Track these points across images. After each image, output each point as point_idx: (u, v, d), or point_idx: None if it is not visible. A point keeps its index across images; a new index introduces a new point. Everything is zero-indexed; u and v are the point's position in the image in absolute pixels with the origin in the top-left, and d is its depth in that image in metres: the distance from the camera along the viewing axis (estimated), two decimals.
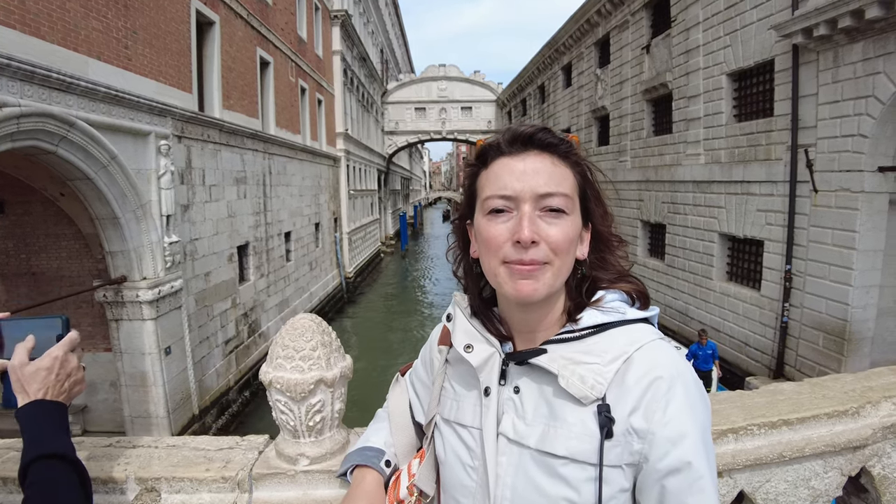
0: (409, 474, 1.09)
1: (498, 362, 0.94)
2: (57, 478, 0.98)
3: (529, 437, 0.87)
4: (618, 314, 0.92)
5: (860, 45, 8.39)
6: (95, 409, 9.52)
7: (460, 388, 1.00)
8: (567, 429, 0.85)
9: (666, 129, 14.60)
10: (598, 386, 0.84)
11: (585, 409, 0.84)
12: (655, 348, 0.87)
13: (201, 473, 1.42)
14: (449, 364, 1.05)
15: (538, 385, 0.90)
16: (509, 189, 0.87)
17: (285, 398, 1.34)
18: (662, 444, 0.80)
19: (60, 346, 1.09)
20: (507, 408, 0.92)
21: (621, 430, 0.82)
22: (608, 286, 0.96)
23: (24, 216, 8.85)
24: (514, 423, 0.90)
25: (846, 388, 1.64)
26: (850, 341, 8.98)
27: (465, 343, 0.97)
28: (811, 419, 1.47)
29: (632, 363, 0.85)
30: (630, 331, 0.90)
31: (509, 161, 0.90)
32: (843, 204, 8.93)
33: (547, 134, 0.90)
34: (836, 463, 1.52)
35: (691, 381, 0.85)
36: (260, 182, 14.30)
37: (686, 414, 0.81)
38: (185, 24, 10.37)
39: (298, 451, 1.39)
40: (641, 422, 0.81)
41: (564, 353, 0.89)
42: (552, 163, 0.89)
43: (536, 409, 0.89)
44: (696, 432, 0.81)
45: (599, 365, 0.86)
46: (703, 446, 0.81)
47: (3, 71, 5.87)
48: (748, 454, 1.42)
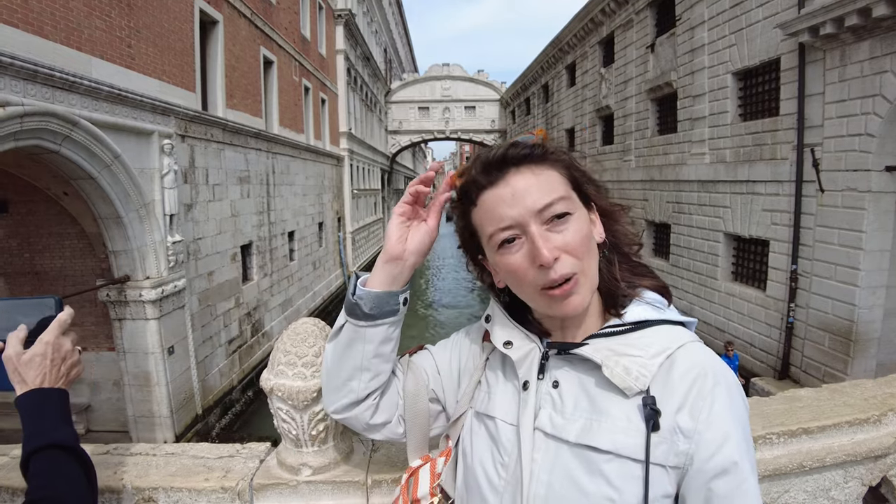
0: (434, 474, 1.05)
1: (538, 357, 0.94)
2: (59, 468, 0.96)
3: (569, 431, 0.85)
4: (659, 313, 0.92)
5: (867, 44, 8.30)
6: (99, 408, 9.51)
7: (496, 383, 0.99)
8: (611, 422, 0.83)
9: (671, 129, 14.52)
10: (643, 378, 0.83)
11: (629, 402, 0.83)
12: (697, 348, 0.86)
13: (200, 483, 1.37)
14: (488, 362, 1.04)
15: (579, 378, 0.89)
16: (507, 219, 0.86)
17: (287, 406, 1.29)
18: (709, 444, 0.78)
19: (51, 331, 1.06)
20: (544, 402, 0.90)
21: (667, 426, 0.80)
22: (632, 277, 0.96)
23: (27, 215, 8.84)
24: (551, 418, 0.88)
25: (866, 395, 1.59)
26: (857, 342, 8.90)
27: (504, 339, 0.97)
28: (831, 427, 1.42)
29: (675, 360, 0.84)
30: (672, 330, 0.89)
31: (494, 191, 0.89)
32: (849, 204, 8.84)
33: (515, 149, 0.89)
34: (856, 472, 1.47)
35: (733, 381, 0.84)
36: (263, 181, 14.28)
37: (731, 413, 0.80)
38: (188, 22, 10.35)
39: (301, 460, 1.34)
40: (688, 420, 0.79)
41: (608, 345, 0.88)
42: (533, 174, 0.88)
43: (577, 402, 0.87)
44: (740, 432, 0.80)
45: (643, 358, 0.84)
46: (746, 447, 0.80)
47: (6, 70, 5.85)
48: (767, 464, 1.37)
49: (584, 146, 21.18)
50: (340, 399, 1.07)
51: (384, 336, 1.03)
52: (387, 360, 1.06)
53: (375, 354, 1.03)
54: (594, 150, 20.26)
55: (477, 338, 1.09)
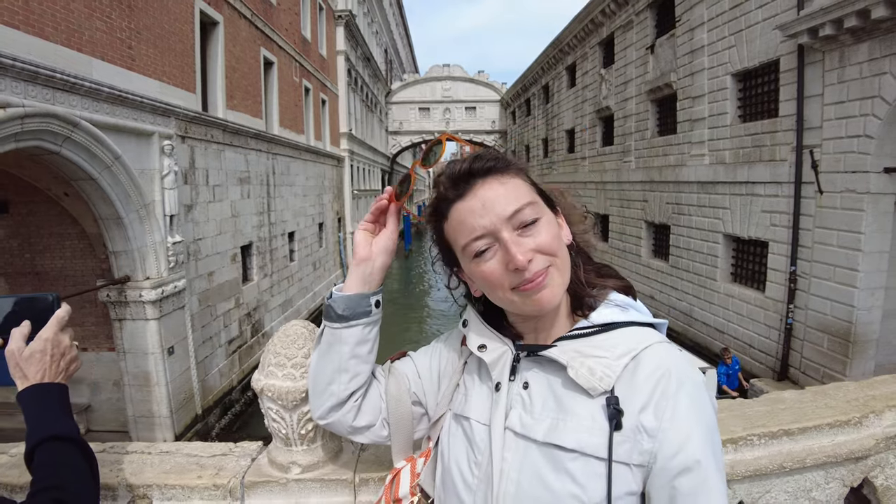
0: (413, 474, 1.09)
1: (510, 359, 0.97)
2: (63, 458, 1.00)
3: (536, 430, 0.88)
4: (626, 314, 0.95)
5: (866, 46, 8.32)
6: (99, 408, 9.54)
7: (472, 385, 1.02)
8: (576, 421, 0.85)
9: (670, 130, 14.54)
10: (607, 378, 0.85)
11: (594, 401, 0.85)
12: (664, 349, 0.89)
13: (193, 481, 1.40)
14: (466, 365, 1.07)
15: (547, 379, 0.92)
16: (479, 228, 0.89)
17: (277, 406, 1.32)
18: (672, 443, 0.80)
19: (49, 327, 1.09)
20: (515, 402, 0.93)
21: (631, 425, 0.82)
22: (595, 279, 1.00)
23: (28, 216, 8.88)
24: (521, 417, 0.91)
25: (849, 397, 1.61)
26: (856, 343, 8.91)
27: (479, 343, 1.00)
28: (812, 429, 1.45)
29: (640, 360, 0.86)
30: (639, 331, 0.92)
31: (463, 204, 0.92)
32: (848, 205, 8.86)
33: (480, 161, 0.92)
34: (837, 473, 1.49)
35: (700, 381, 0.86)
36: (263, 182, 14.31)
37: (695, 413, 0.82)
38: (188, 24, 10.38)
39: (290, 459, 1.37)
40: (652, 419, 0.81)
41: (575, 346, 0.91)
42: (500, 183, 0.91)
43: (545, 403, 0.90)
44: (703, 431, 0.81)
45: (608, 359, 0.87)
46: (710, 445, 0.81)
47: (7, 71, 5.88)
48: (747, 465, 1.39)
49: (585, 147, 21.21)
50: (324, 403, 1.11)
51: (359, 337, 1.08)
52: (364, 361, 1.10)
53: (352, 356, 1.08)
54: (594, 150, 20.29)
55: (455, 342, 1.12)
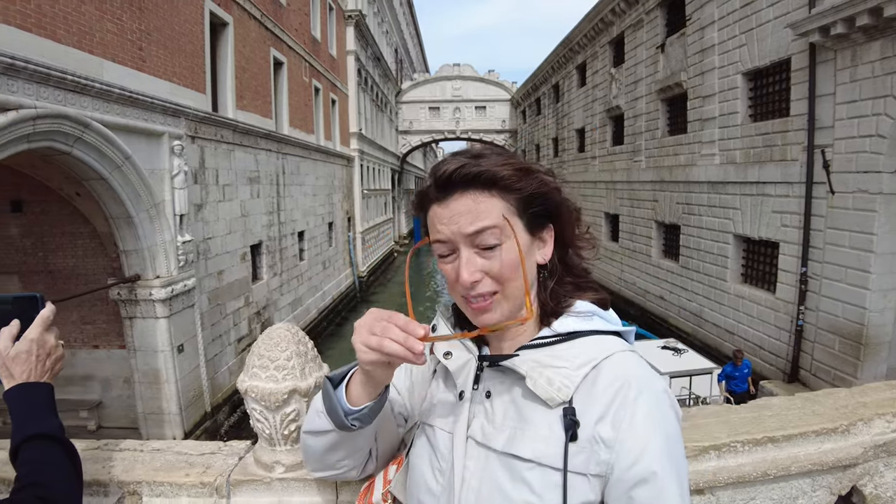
0: (385, 480, 1.10)
1: (473, 367, 0.97)
2: (47, 456, 1.02)
3: (496, 440, 0.88)
4: (590, 323, 0.94)
5: (878, 44, 8.21)
6: (110, 405, 9.67)
7: (439, 393, 1.02)
8: (533, 431, 0.85)
9: (681, 129, 14.43)
10: (565, 389, 0.85)
11: (552, 412, 0.85)
12: (625, 358, 0.88)
13: (181, 478, 1.43)
14: (436, 372, 1.07)
15: (508, 389, 0.92)
16: (442, 235, 0.90)
17: (260, 407, 1.35)
18: (629, 454, 0.80)
19: (35, 328, 1.11)
20: (477, 412, 0.93)
21: (587, 436, 0.82)
22: (574, 292, 0.98)
23: (41, 215, 9.02)
24: (482, 427, 0.91)
25: (838, 405, 1.60)
26: (867, 345, 8.80)
27: (445, 350, 1.00)
28: (798, 437, 1.43)
29: (601, 370, 0.85)
30: (602, 340, 0.91)
31: (437, 208, 0.92)
32: (860, 206, 8.75)
33: (464, 169, 0.88)
34: (824, 482, 1.48)
35: (661, 390, 0.85)
36: (273, 182, 14.41)
37: (653, 423, 0.81)
38: (198, 25, 10.48)
39: (274, 458, 1.40)
40: (609, 430, 0.81)
41: (535, 356, 0.90)
42: (473, 199, 0.89)
43: (506, 413, 0.90)
44: (661, 442, 0.80)
45: (568, 369, 0.86)
46: (669, 455, 0.80)
47: (19, 73, 5.98)
48: (731, 472, 1.39)
49: (595, 146, 21.11)
50: (329, 472, 1.12)
51: (376, 426, 1.03)
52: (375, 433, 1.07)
53: (367, 441, 1.07)
54: (604, 150, 20.19)
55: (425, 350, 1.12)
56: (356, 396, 0.96)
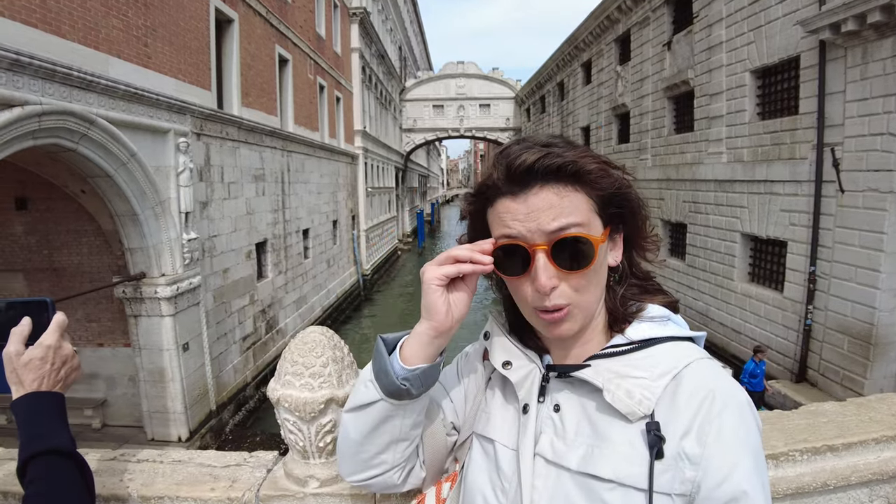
0: (438, 499, 1.02)
1: (538, 378, 0.90)
2: (57, 474, 0.94)
3: (570, 458, 0.81)
4: (665, 328, 0.87)
5: (890, 41, 8.11)
6: (115, 403, 9.62)
7: (498, 405, 0.95)
8: (613, 448, 0.78)
9: (687, 127, 14.33)
10: (646, 402, 0.78)
11: (632, 427, 0.78)
12: (706, 366, 0.81)
13: (206, 493, 1.36)
14: (490, 381, 1.00)
15: (580, 402, 0.85)
16: (515, 231, 0.82)
17: (294, 417, 1.27)
18: (717, 472, 0.73)
19: (52, 334, 1.03)
20: (545, 427, 0.86)
21: (672, 452, 0.75)
22: (642, 296, 0.92)
23: (46, 213, 8.97)
24: (552, 443, 0.84)
25: (894, 411, 1.53)
26: (877, 345, 8.71)
27: (503, 360, 0.93)
28: (857, 445, 1.37)
29: (681, 380, 0.79)
30: (678, 347, 0.85)
31: (510, 203, 0.82)
32: (870, 204, 8.65)
33: (547, 159, 0.80)
34: (882, 491, 1.41)
35: (745, 401, 0.78)
36: (278, 179, 14.35)
37: (741, 438, 0.75)
38: (204, 21, 10.41)
39: (308, 472, 1.32)
40: (694, 446, 0.75)
41: (610, 366, 0.83)
42: (557, 194, 0.80)
43: (578, 428, 0.83)
44: (750, 458, 0.74)
45: (647, 380, 0.80)
46: (757, 473, 0.75)
47: (24, 69, 5.92)
48: (789, 482, 1.32)
49: (600, 144, 21.01)
50: (366, 471, 1.00)
51: (424, 405, 0.97)
52: (421, 423, 0.99)
53: (414, 425, 0.97)
54: (609, 148, 20.09)
55: (477, 358, 1.05)
56: (410, 356, 0.91)
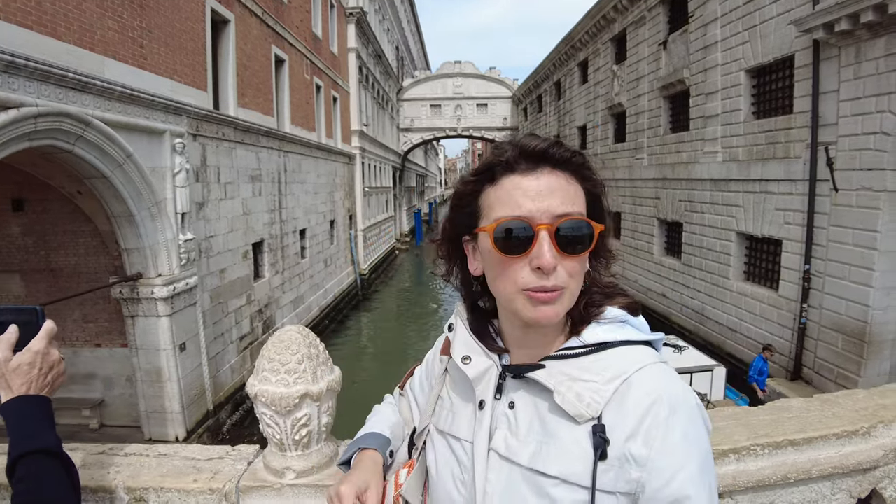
0: (396, 484, 1.07)
1: (495, 376, 0.93)
2: (45, 473, 0.99)
3: (521, 454, 0.84)
4: (620, 332, 0.89)
5: (883, 41, 8.16)
6: (112, 403, 9.66)
7: (457, 399, 0.98)
8: (560, 448, 0.82)
9: (683, 126, 14.38)
10: (595, 405, 0.81)
11: (580, 428, 0.81)
12: (657, 371, 0.83)
13: (189, 484, 1.40)
14: (448, 374, 1.04)
15: (534, 401, 0.88)
16: (524, 209, 0.82)
17: (271, 412, 1.32)
18: (661, 473, 0.76)
19: (40, 340, 1.08)
20: (500, 423, 0.89)
21: (617, 454, 0.78)
22: (603, 301, 0.94)
23: (42, 213, 9.00)
24: (506, 439, 0.87)
25: (858, 407, 1.57)
26: (871, 344, 8.77)
27: (463, 354, 0.96)
28: (818, 439, 1.41)
29: (631, 385, 0.81)
30: (632, 351, 0.87)
31: (521, 179, 0.84)
32: (864, 203, 8.70)
33: (560, 148, 0.85)
34: (844, 485, 1.45)
35: (694, 405, 0.81)
36: (275, 179, 14.38)
37: (687, 443, 0.77)
38: (199, 22, 10.44)
39: (285, 464, 1.37)
40: (641, 448, 0.77)
41: (563, 369, 0.86)
42: (566, 180, 0.85)
43: (530, 425, 0.86)
44: (695, 463, 0.77)
45: (597, 383, 0.82)
46: (703, 477, 0.77)
47: (20, 71, 5.95)
48: (750, 475, 1.36)
49: (597, 143, 21.05)
50: None
51: None
52: None
53: None
54: (606, 147, 20.14)
55: (438, 349, 1.09)
56: None
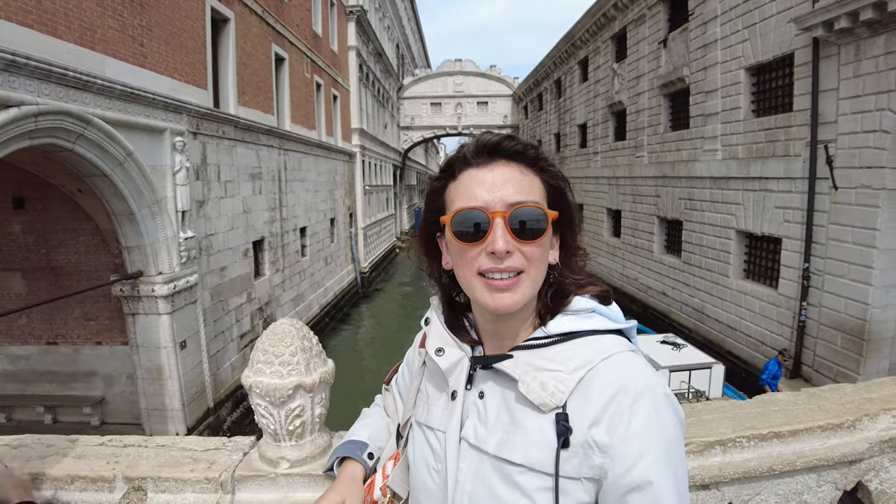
0: (384, 475, 1.10)
1: (466, 367, 0.95)
2: None
3: (489, 442, 0.87)
4: (588, 321, 0.90)
5: (882, 39, 8.16)
6: (113, 401, 9.70)
7: (433, 391, 1.01)
8: (525, 436, 0.84)
9: (683, 125, 14.39)
10: (559, 394, 0.82)
11: (545, 416, 0.83)
12: (623, 360, 0.84)
13: (186, 474, 1.43)
14: (426, 367, 1.06)
15: (502, 391, 0.90)
16: (479, 200, 0.86)
17: (265, 402, 1.35)
18: (624, 460, 0.77)
19: None
20: (470, 412, 0.92)
21: (580, 441, 0.80)
22: (576, 291, 0.95)
23: (43, 212, 9.03)
24: (475, 428, 0.90)
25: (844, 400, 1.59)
26: (870, 342, 8.78)
27: (437, 347, 0.99)
28: (804, 432, 1.43)
29: (596, 373, 0.82)
30: (599, 341, 0.88)
31: (477, 172, 0.89)
32: (863, 201, 8.72)
33: (512, 142, 0.89)
34: (829, 477, 1.47)
35: (661, 394, 0.81)
36: (275, 178, 14.40)
37: (651, 429, 0.78)
38: (199, 21, 10.46)
39: (279, 454, 1.40)
40: (604, 435, 0.79)
41: (529, 359, 0.88)
42: (520, 171, 0.89)
43: (498, 415, 0.88)
44: (659, 449, 0.77)
45: (562, 373, 0.84)
46: (667, 464, 0.77)
47: (21, 70, 5.97)
48: (736, 467, 1.38)
49: (597, 142, 21.05)
50: None
51: None
52: None
53: None
54: (606, 145, 20.15)
55: (417, 343, 1.13)
56: None
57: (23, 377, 9.75)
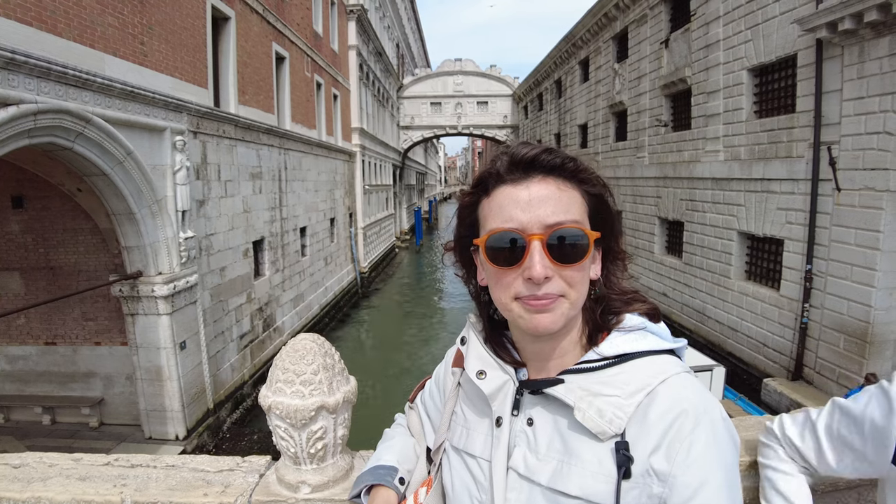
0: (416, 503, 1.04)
1: (512, 391, 0.90)
2: None
3: (541, 473, 0.82)
4: (642, 342, 0.86)
5: (887, 40, 8.13)
6: (112, 401, 9.64)
7: (472, 415, 0.95)
8: (582, 466, 0.79)
9: (685, 125, 14.35)
10: (617, 420, 0.78)
11: (603, 445, 0.79)
12: (681, 382, 0.80)
13: (199, 498, 1.37)
14: (461, 388, 1.01)
15: (553, 417, 0.85)
16: (514, 221, 0.81)
17: (285, 424, 1.28)
18: (683, 490, 0.74)
19: None
20: (519, 440, 0.87)
21: (640, 470, 0.76)
22: (622, 308, 0.91)
23: (42, 211, 8.96)
24: (525, 458, 0.84)
25: None
26: (873, 344, 8.76)
27: (478, 369, 0.93)
28: None
29: (655, 397, 0.78)
30: (654, 362, 0.83)
31: (511, 190, 0.83)
32: (867, 203, 8.69)
33: (550, 155, 0.83)
34: None
35: (719, 418, 0.78)
36: (275, 177, 14.34)
37: (711, 456, 0.75)
38: (200, 19, 10.38)
39: (300, 478, 1.33)
40: (663, 463, 0.75)
41: (582, 383, 0.83)
42: (558, 187, 0.83)
43: (550, 443, 0.83)
44: (719, 477, 0.74)
45: (619, 398, 0.80)
46: (726, 492, 0.75)
47: (20, 68, 5.90)
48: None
49: (598, 142, 21.01)
50: None
51: None
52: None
53: None
54: (607, 146, 20.11)
55: (449, 362, 1.07)
56: None
57: (21, 377, 9.68)
